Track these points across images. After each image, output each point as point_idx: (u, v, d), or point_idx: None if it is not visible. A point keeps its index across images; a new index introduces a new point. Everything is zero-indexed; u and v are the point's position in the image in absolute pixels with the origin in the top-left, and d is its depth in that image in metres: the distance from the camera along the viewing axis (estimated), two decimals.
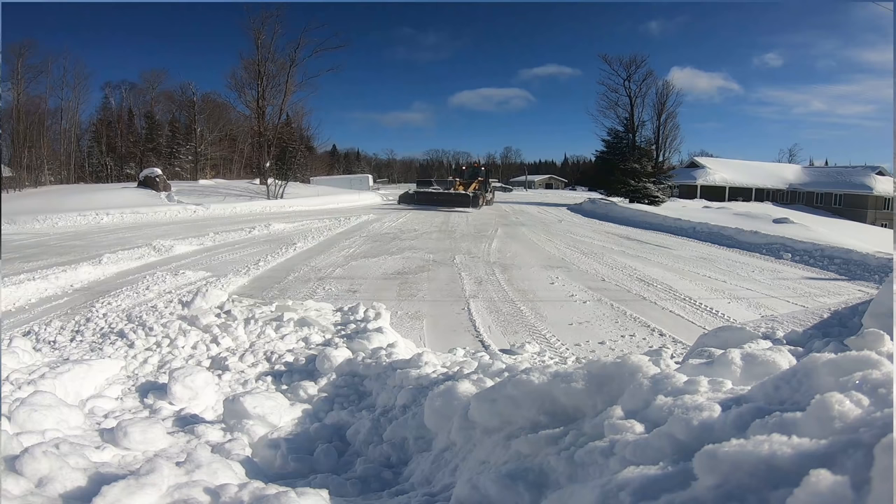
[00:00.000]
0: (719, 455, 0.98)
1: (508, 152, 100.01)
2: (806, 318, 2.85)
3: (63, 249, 10.81)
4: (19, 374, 3.60)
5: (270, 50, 29.98)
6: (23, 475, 1.68)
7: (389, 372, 3.40)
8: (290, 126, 35.88)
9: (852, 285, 7.98)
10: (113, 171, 38.83)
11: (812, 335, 2.55)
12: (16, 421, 2.46)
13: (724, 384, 1.57)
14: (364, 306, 5.44)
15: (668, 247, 12.08)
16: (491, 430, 1.85)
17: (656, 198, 30.23)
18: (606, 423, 1.45)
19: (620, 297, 6.99)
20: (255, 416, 2.90)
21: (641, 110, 35.55)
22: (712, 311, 6.28)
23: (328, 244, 11.77)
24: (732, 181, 40.13)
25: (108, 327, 4.92)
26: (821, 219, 22.54)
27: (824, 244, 11.01)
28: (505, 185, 68.86)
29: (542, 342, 5.09)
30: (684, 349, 4.49)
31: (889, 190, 34.07)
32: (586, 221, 19.05)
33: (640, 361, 1.73)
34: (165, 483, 1.62)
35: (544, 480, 1.44)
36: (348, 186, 34.64)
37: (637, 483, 1.08)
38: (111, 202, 19.32)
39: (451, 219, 18.44)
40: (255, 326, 4.78)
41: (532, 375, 1.80)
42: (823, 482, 0.80)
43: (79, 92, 36.66)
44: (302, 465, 2.45)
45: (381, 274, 8.53)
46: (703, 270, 9.02)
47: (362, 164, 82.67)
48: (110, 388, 3.67)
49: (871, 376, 1.16)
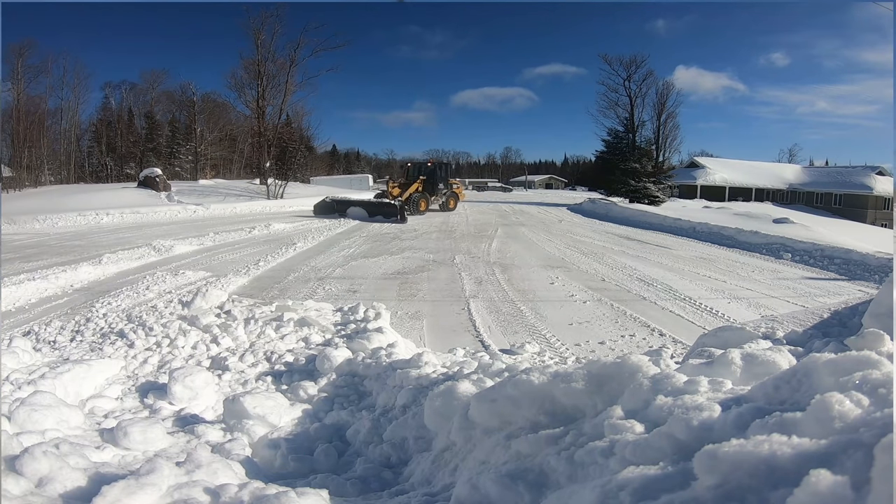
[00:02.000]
0: (719, 455, 0.98)
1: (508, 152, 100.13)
2: (806, 318, 2.85)
3: (63, 249, 10.81)
4: (19, 374, 3.60)
5: (270, 50, 29.95)
6: (23, 475, 1.68)
7: (389, 372, 3.40)
8: (290, 126, 35.85)
9: (852, 285, 7.98)
10: (113, 171, 38.84)
11: (812, 335, 2.55)
12: (16, 421, 2.46)
13: (724, 384, 1.57)
14: (364, 306, 5.44)
15: (668, 247, 12.08)
16: (491, 430, 1.85)
17: (656, 198, 30.24)
18: (606, 423, 1.45)
19: (620, 297, 6.98)
20: (255, 416, 2.90)
21: (641, 110, 35.54)
22: (712, 311, 6.27)
23: (328, 244, 11.77)
24: (732, 181, 40.14)
25: (108, 327, 4.92)
26: (821, 219, 22.56)
27: (824, 244, 11.00)
28: (505, 186, 68.94)
29: (542, 342, 5.08)
30: (684, 349, 4.49)
31: (889, 190, 34.07)
32: (586, 221, 19.05)
33: (640, 361, 1.73)
34: (165, 483, 1.62)
35: (544, 480, 1.44)
36: (348, 186, 34.65)
37: (637, 483, 1.08)
38: (111, 202, 19.32)
39: (451, 219, 18.44)
40: (255, 326, 4.78)
41: (532, 375, 1.80)
42: (823, 482, 0.80)
43: (79, 92, 36.70)
44: (302, 465, 2.45)
45: (381, 274, 8.53)
46: (703, 270, 9.02)
47: (362, 164, 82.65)
48: (110, 388, 3.67)
49: (871, 376, 1.17)
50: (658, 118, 36.40)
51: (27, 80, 32.60)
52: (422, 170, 21.09)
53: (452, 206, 21.34)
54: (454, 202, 21.69)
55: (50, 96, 34.39)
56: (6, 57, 30.07)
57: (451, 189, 21.60)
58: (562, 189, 71.67)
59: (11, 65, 30.89)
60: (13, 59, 30.96)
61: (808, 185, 39.77)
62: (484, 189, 62.98)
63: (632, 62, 35.07)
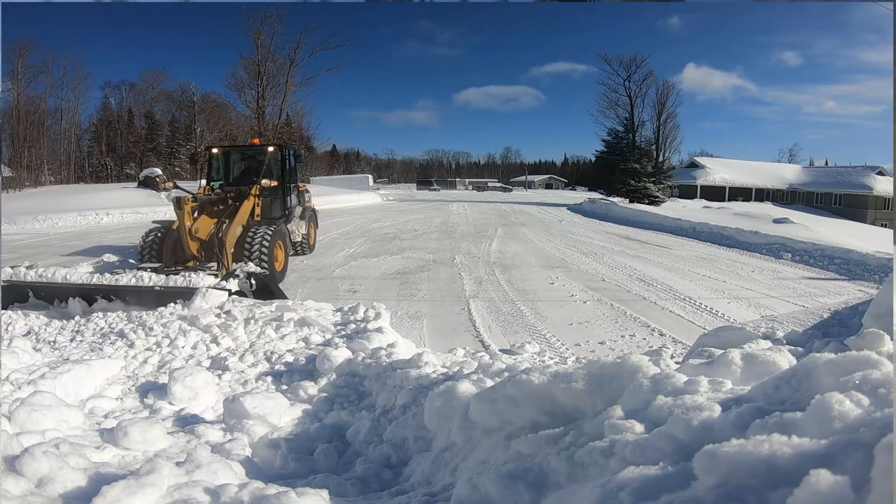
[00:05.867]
0: (719, 455, 0.98)
1: (508, 152, 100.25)
2: (806, 318, 2.85)
3: (63, 249, 10.80)
4: (19, 374, 3.59)
5: (270, 50, 29.99)
6: (23, 475, 1.68)
7: (389, 372, 3.40)
8: (290, 126, 35.86)
9: (852, 285, 7.98)
10: (113, 171, 38.85)
11: (812, 335, 2.55)
12: (16, 421, 2.46)
13: (724, 384, 1.57)
14: (364, 306, 5.43)
15: (668, 247, 12.07)
16: (491, 431, 1.85)
17: (656, 198, 30.27)
18: (606, 423, 1.45)
19: (620, 297, 6.98)
20: (255, 416, 2.90)
21: (641, 110, 35.61)
22: (712, 311, 6.27)
23: (328, 244, 11.76)
24: (732, 181, 40.16)
25: (108, 327, 4.91)
26: (821, 219, 22.56)
27: (824, 244, 11.01)
28: (505, 186, 69.01)
29: (542, 342, 5.08)
30: (684, 349, 4.49)
31: (889, 190, 34.07)
32: (586, 221, 19.05)
33: (640, 361, 1.73)
34: (165, 483, 1.62)
35: (544, 480, 1.44)
36: (348, 186, 34.65)
37: (637, 483, 1.08)
38: (111, 202, 19.32)
39: (451, 219, 18.44)
40: (255, 326, 4.78)
41: (532, 375, 1.80)
42: (823, 482, 0.80)
43: (79, 92, 36.75)
44: (302, 465, 2.44)
45: (381, 274, 8.53)
46: (703, 270, 9.02)
47: (362, 164, 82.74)
48: (110, 388, 3.66)
49: (871, 376, 1.17)
50: (658, 118, 36.46)
51: (27, 80, 32.69)
52: (252, 163, 9.23)
53: (313, 242, 10.51)
54: (314, 229, 10.74)
55: (50, 96, 34.49)
56: (6, 57, 30.11)
57: (302, 200, 10.16)
58: (562, 189, 71.76)
59: (11, 65, 30.94)
60: (13, 59, 31.00)
61: (808, 185, 39.79)
62: (484, 189, 63.07)
63: (632, 62, 35.18)
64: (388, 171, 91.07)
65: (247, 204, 7.43)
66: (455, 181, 75.14)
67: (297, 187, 9.87)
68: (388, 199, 28.84)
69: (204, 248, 6.62)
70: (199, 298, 5.19)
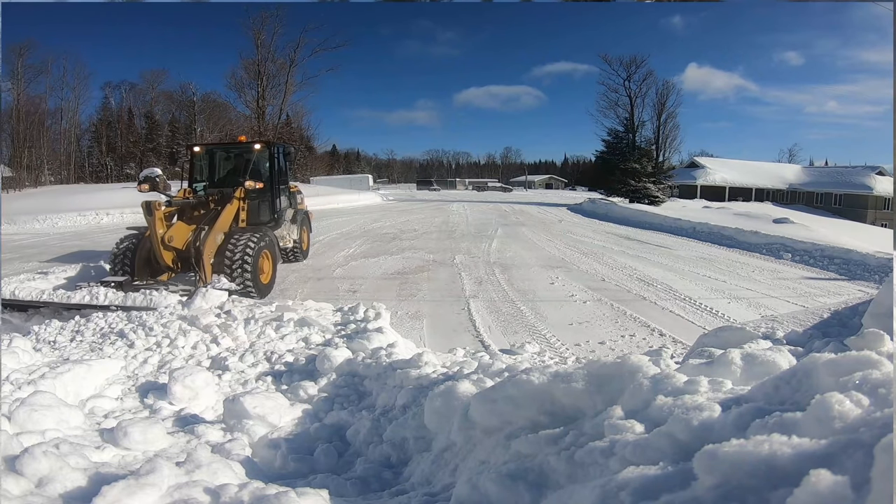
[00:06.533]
0: (719, 455, 0.98)
1: (508, 152, 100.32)
2: (806, 318, 2.85)
3: (63, 249, 10.80)
4: (19, 374, 3.59)
5: (270, 50, 30.01)
6: (23, 475, 1.68)
7: (389, 372, 3.40)
8: (290, 126, 35.87)
9: (852, 285, 7.97)
10: (113, 171, 38.86)
11: (812, 335, 2.55)
12: (16, 421, 2.46)
13: (724, 384, 1.57)
14: (364, 306, 5.43)
15: (668, 247, 12.07)
16: (491, 431, 1.85)
17: (656, 198, 30.27)
18: (606, 423, 1.45)
19: (620, 297, 6.98)
20: (255, 416, 2.90)
21: (641, 110, 35.60)
22: (712, 311, 6.27)
23: (328, 244, 11.76)
24: (732, 181, 40.16)
25: (108, 327, 4.91)
26: (821, 219, 22.57)
27: (824, 244, 11.00)
28: (505, 186, 69.02)
29: (542, 342, 5.08)
30: (684, 349, 4.49)
31: (889, 190, 34.08)
32: (586, 221, 19.04)
33: (640, 361, 1.73)
34: (165, 483, 1.62)
35: (544, 480, 1.44)
36: (348, 186, 34.66)
37: (637, 483, 1.08)
38: (111, 202, 19.31)
39: (451, 218, 18.44)
40: (255, 326, 4.78)
41: (532, 375, 1.80)
42: (823, 482, 0.80)
43: (79, 92, 36.82)
44: (302, 465, 2.44)
45: (381, 274, 8.53)
46: (703, 270, 9.02)
47: (362, 164, 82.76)
48: (110, 389, 3.66)
49: (871, 376, 1.17)
50: (658, 118, 36.47)
51: (27, 80, 32.73)
52: (240, 162, 8.38)
53: (306, 247, 9.84)
54: (307, 234, 10.04)
55: (50, 96, 34.56)
56: (6, 57, 30.13)
57: (294, 202, 9.21)
58: (562, 189, 71.79)
59: (11, 65, 30.96)
60: (13, 59, 31.02)
61: (808, 185, 39.80)
62: (484, 189, 63.08)
63: (632, 62, 35.16)
64: (388, 171, 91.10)
65: (229, 208, 6.72)
66: (455, 181, 75.19)
67: (287, 188, 8.90)
68: (388, 199, 28.85)
69: (180, 258, 6.17)
70: (199, 298, 5.19)
